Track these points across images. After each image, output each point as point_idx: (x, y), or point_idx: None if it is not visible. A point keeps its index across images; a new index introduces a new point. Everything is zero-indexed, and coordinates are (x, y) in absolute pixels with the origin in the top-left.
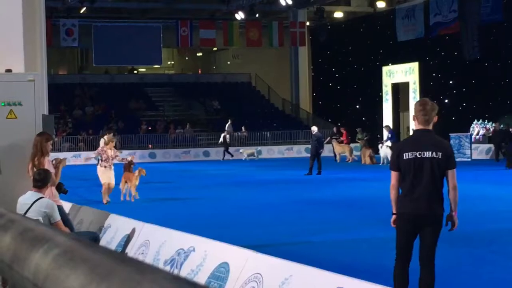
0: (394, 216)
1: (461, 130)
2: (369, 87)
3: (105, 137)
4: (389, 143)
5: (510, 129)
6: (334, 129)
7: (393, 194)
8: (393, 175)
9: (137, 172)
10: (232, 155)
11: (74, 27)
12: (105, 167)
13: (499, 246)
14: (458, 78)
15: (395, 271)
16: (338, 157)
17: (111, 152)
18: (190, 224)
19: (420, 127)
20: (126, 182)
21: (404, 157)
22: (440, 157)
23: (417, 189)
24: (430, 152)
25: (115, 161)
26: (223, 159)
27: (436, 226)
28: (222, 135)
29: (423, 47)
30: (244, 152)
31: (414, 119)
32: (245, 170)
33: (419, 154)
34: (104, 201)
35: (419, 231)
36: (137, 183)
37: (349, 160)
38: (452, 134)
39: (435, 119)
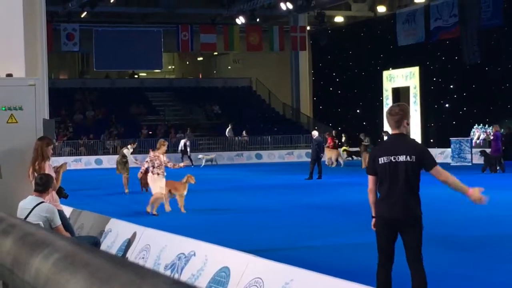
0: (373, 220)
1: (462, 134)
2: (369, 92)
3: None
4: None
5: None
6: (327, 134)
7: (371, 198)
8: (370, 179)
9: (185, 179)
10: (191, 162)
11: (74, 31)
12: (158, 174)
13: (496, 250)
14: (458, 83)
15: (378, 275)
16: (328, 162)
17: (163, 157)
18: (191, 228)
19: (394, 131)
20: (170, 191)
21: (380, 162)
22: (414, 160)
23: (394, 193)
24: (404, 156)
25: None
26: (191, 164)
27: (416, 228)
28: (182, 141)
29: (423, 51)
30: (203, 157)
31: (389, 125)
32: (245, 175)
33: (394, 158)
34: (154, 212)
35: (400, 234)
36: (185, 192)
37: (331, 164)
38: (452, 139)
39: (405, 123)
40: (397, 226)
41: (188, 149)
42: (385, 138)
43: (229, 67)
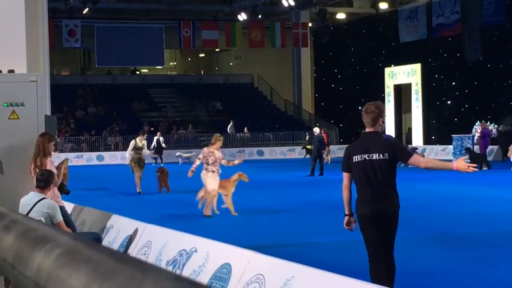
0: (346, 218)
1: (463, 131)
2: (371, 88)
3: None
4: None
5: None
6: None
7: (345, 195)
8: (345, 176)
9: (235, 176)
10: (161, 160)
11: (76, 27)
12: (212, 171)
13: (498, 248)
14: (460, 80)
15: (371, 270)
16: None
17: (218, 153)
18: (192, 225)
19: (369, 129)
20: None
21: (354, 160)
22: (387, 157)
23: (369, 190)
24: (377, 154)
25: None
26: (161, 162)
27: (392, 222)
28: (155, 138)
29: (425, 48)
30: (183, 155)
31: (364, 123)
32: (247, 171)
33: (368, 156)
34: (209, 212)
35: (380, 228)
36: (233, 190)
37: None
38: (454, 136)
39: (380, 120)
40: (377, 222)
41: (164, 145)
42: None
43: (231, 64)
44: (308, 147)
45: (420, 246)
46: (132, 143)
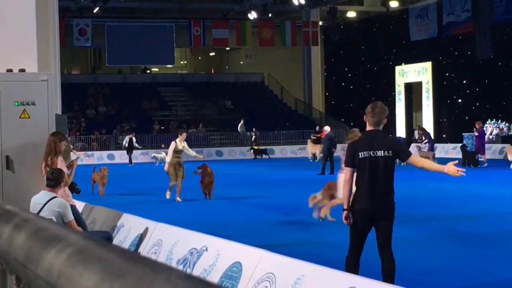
0: (345, 212)
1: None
2: (382, 87)
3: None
4: (425, 148)
5: None
6: (317, 127)
7: (346, 190)
8: (347, 171)
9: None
10: (131, 163)
11: (87, 26)
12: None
13: (509, 245)
14: (471, 78)
15: (347, 259)
16: (310, 156)
17: None
18: (203, 223)
19: (371, 128)
20: (332, 195)
21: (360, 156)
22: (391, 155)
23: (373, 186)
24: (382, 151)
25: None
26: (131, 163)
27: (390, 217)
28: (128, 137)
29: (436, 46)
30: (157, 156)
31: (365, 120)
32: (257, 170)
33: (373, 153)
34: (327, 217)
35: (375, 224)
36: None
37: (314, 159)
38: (465, 134)
39: (385, 121)
40: (375, 217)
41: (136, 145)
42: (416, 132)
43: (241, 62)
44: (255, 147)
45: (429, 244)
46: (173, 145)
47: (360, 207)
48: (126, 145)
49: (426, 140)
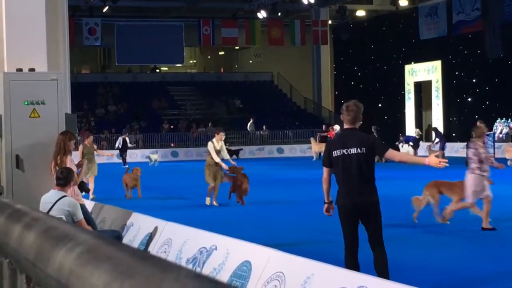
0: (326, 205)
1: None
2: (391, 86)
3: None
4: (437, 147)
5: None
6: (324, 126)
7: (325, 186)
8: (325, 170)
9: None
10: (125, 164)
11: (96, 26)
12: (483, 173)
13: None
14: (481, 77)
15: (345, 259)
16: (315, 155)
17: (483, 150)
18: (212, 222)
19: (347, 126)
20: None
21: (334, 155)
22: (364, 151)
23: (348, 183)
24: (355, 149)
25: None
26: (125, 164)
27: (374, 213)
28: (121, 138)
29: (446, 45)
30: (152, 157)
31: (342, 119)
32: (267, 169)
33: (346, 151)
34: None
35: (361, 220)
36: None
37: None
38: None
39: (360, 118)
40: (357, 213)
41: (130, 145)
42: (433, 134)
43: (251, 61)
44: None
45: (443, 243)
46: (211, 146)
47: (340, 204)
48: (120, 146)
49: (437, 140)
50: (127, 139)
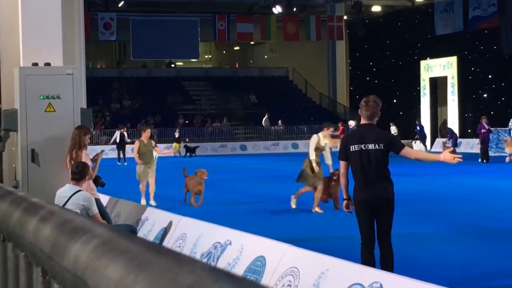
0: (345, 202)
1: (500, 125)
2: (406, 82)
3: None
4: (449, 144)
5: None
6: (339, 124)
7: (343, 181)
8: (342, 164)
9: None
10: (124, 158)
11: (112, 20)
12: None
13: None
14: (497, 73)
15: (362, 255)
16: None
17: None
18: (227, 217)
19: (364, 121)
20: None
21: (351, 150)
22: (382, 148)
23: (366, 178)
24: (373, 145)
25: None
26: (119, 161)
27: (388, 209)
28: (118, 132)
29: (461, 41)
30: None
31: (360, 114)
32: (282, 164)
33: (364, 146)
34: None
35: (375, 215)
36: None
37: None
38: (490, 129)
39: (377, 115)
40: (373, 208)
41: (128, 140)
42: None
43: (266, 57)
44: (176, 145)
45: (453, 239)
46: (315, 139)
47: (356, 199)
48: (117, 141)
49: (449, 137)
50: (125, 133)
